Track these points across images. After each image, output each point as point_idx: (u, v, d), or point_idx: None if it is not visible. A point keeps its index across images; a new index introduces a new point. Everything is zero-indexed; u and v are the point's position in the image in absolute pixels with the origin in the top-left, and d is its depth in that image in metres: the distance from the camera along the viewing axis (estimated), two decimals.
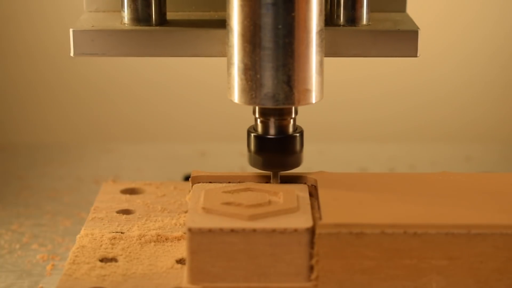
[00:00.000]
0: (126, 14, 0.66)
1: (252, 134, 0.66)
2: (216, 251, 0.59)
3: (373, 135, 1.09)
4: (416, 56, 0.66)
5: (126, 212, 0.72)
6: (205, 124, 1.09)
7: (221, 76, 1.06)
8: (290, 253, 0.59)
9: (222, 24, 0.65)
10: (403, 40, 0.66)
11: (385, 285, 0.59)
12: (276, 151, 0.65)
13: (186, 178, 0.84)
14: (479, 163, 0.98)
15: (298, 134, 0.66)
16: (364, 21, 0.67)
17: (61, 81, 1.08)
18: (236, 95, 0.63)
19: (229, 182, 0.67)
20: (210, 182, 0.67)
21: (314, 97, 0.63)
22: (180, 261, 0.64)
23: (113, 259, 0.64)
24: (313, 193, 0.65)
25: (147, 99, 1.09)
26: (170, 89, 1.08)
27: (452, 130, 1.09)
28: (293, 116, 0.65)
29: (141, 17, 0.66)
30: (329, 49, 0.65)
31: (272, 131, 0.65)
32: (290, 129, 0.66)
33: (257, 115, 0.66)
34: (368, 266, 0.59)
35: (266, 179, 0.67)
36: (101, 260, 0.64)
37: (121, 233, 0.68)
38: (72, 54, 0.66)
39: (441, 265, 0.59)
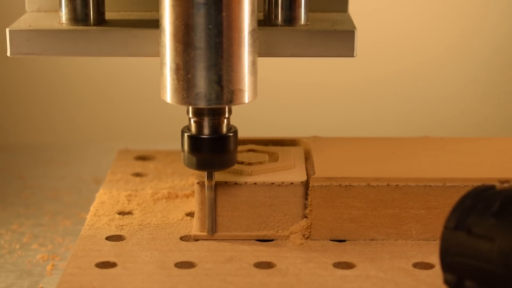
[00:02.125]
0: (63, 14, 0.66)
1: (186, 134, 0.65)
2: (222, 202, 0.67)
3: (373, 135, 1.04)
4: (352, 56, 0.65)
5: (140, 175, 0.79)
6: None
7: None
8: (287, 204, 0.67)
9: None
10: (339, 40, 0.65)
11: (370, 232, 0.67)
12: (210, 151, 0.65)
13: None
14: None
15: (231, 134, 0.65)
16: (302, 21, 0.66)
17: (61, 81, 1.08)
18: (168, 95, 0.63)
19: None
20: None
21: (247, 97, 0.63)
22: (189, 214, 0.71)
23: (130, 213, 0.72)
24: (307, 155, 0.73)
25: (147, 99, 1.09)
26: None
27: (452, 130, 1.10)
28: (226, 115, 0.65)
29: (78, 17, 0.66)
30: (266, 49, 0.65)
31: (205, 131, 0.65)
32: (224, 129, 0.65)
33: (190, 115, 0.65)
34: (356, 215, 0.67)
35: (266, 142, 0.74)
36: (119, 213, 0.72)
37: (136, 191, 0.75)
38: (8, 53, 0.65)
39: (420, 214, 0.67)
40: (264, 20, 0.67)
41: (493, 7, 1.08)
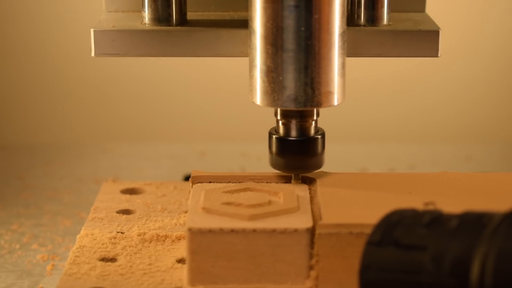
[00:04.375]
0: (146, 14, 0.67)
1: (274, 136, 0.66)
2: (216, 251, 0.59)
3: (374, 135, 1.09)
4: (437, 56, 0.66)
5: (126, 212, 0.72)
6: (205, 124, 1.08)
7: (220, 76, 1.08)
8: (290, 253, 0.59)
9: (243, 24, 0.65)
10: (424, 40, 0.66)
11: None
12: (298, 153, 0.65)
13: (186, 178, 0.84)
14: (479, 163, 0.98)
15: (319, 136, 0.66)
16: (385, 21, 0.67)
17: (61, 81, 1.08)
18: (258, 97, 0.63)
19: (229, 182, 0.67)
20: (210, 182, 0.67)
21: (336, 99, 0.64)
22: (180, 261, 0.64)
23: (114, 259, 0.64)
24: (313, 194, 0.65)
25: (147, 99, 1.08)
26: (170, 89, 1.08)
27: (452, 130, 1.09)
28: (314, 118, 0.65)
29: (161, 17, 0.66)
30: (350, 50, 0.66)
31: (293, 133, 0.65)
32: (312, 131, 0.66)
33: (278, 117, 0.65)
34: None
35: (266, 179, 0.67)
36: (102, 260, 0.64)
37: (121, 233, 0.68)
38: (93, 54, 0.66)
39: None
40: (347, 20, 0.66)
41: (493, 9, 1.06)
